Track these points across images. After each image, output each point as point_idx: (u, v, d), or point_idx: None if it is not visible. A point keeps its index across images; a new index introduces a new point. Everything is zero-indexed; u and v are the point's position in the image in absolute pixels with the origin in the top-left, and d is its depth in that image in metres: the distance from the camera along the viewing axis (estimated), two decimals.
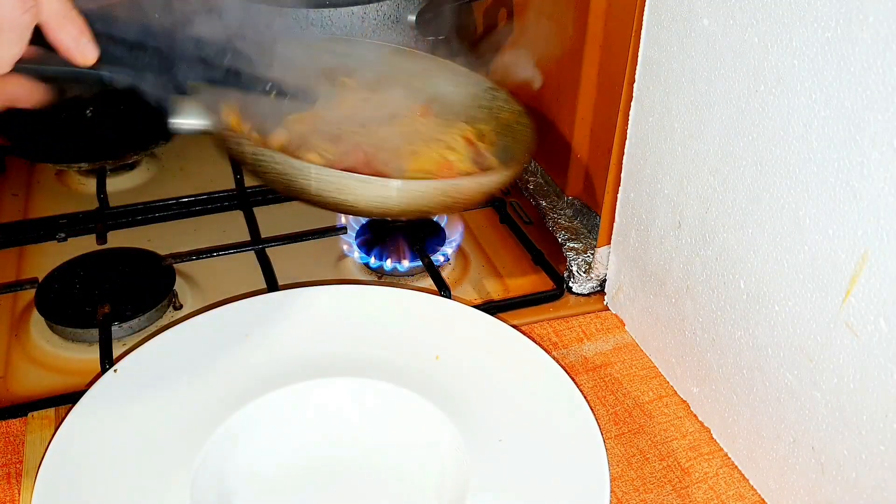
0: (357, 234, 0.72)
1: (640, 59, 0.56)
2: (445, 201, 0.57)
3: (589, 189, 0.74)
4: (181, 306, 0.67)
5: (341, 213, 0.58)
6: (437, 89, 0.71)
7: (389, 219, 0.59)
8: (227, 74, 0.53)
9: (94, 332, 0.61)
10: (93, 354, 0.60)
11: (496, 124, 0.69)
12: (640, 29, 0.55)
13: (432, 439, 0.51)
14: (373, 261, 0.69)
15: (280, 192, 0.57)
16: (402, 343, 0.56)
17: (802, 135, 0.42)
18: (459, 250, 0.74)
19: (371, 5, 0.77)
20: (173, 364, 0.54)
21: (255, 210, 0.75)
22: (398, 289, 0.61)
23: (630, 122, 0.58)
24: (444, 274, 0.68)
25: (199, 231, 0.76)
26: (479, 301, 0.67)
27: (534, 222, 0.77)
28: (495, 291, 0.69)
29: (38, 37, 0.41)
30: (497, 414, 0.51)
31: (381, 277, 0.70)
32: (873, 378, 0.40)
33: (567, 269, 0.69)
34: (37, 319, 0.64)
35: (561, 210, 0.75)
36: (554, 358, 0.54)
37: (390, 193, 0.54)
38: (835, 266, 0.41)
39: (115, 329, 0.62)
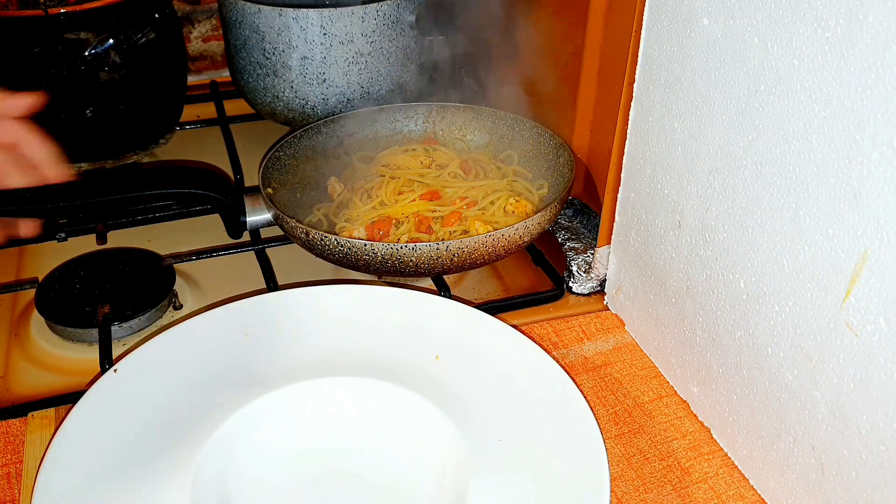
0: None
1: (640, 59, 0.56)
2: (496, 250, 0.63)
3: (589, 189, 0.74)
4: (181, 306, 0.67)
5: (405, 276, 0.66)
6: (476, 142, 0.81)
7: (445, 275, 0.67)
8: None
9: (94, 332, 0.61)
10: (93, 354, 0.60)
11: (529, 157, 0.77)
12: (640, 29, 0.55)
13: (432, 439, 0.51)
14: None
15: (346, 266, 0.64)
16: (402, 343, 0.56)
17: (802, 135, 0.42)
18: None
19: (371, 5, 0.77)
20: (173, 364, 0.54)
21: None
22: (398, 289, 0.61)
23: (630, 122, 0.58)
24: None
25: (199, 231, 0.76)
26: (479, 301, 0.67)
27: None
28: (495, 291, 0.69)
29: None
30: (497, 414, 0.51)
31: (381, 277, 0.70)
32: (873, 378, 0.40)
33: (567, 269, 0.69)
34: (37, 319, 0.64)
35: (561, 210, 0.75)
36: (554, 358, 0.54)
37: (441, 254, 0.61)
38: (835, 266, 0.41)
39: (115, 329, 0.62)
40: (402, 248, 0.60)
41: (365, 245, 0.60)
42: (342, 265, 0.64)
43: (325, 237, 0.61)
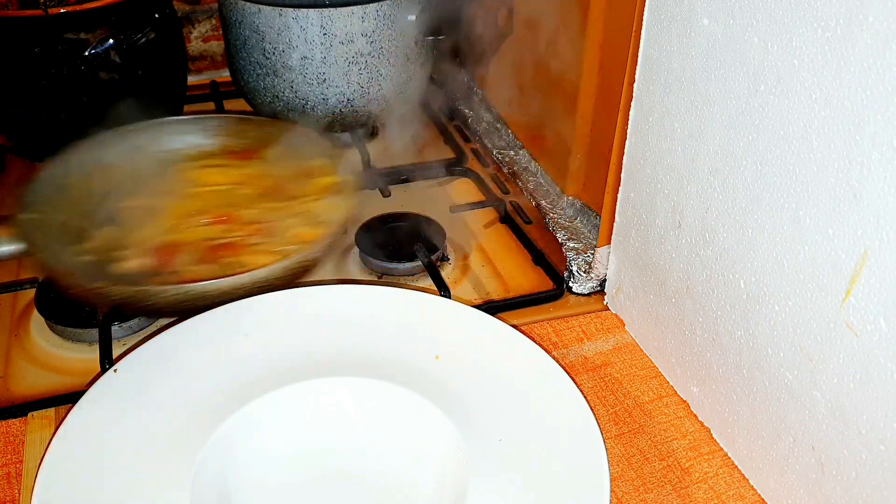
0: (358, 233, 0.72)
1: (640, 59, 0.56)
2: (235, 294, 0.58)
3: (589, 189, 0.74)
4: None
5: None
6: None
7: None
8: None
9: (94, 332, 0.61)
10: (93, 354, 0.60)
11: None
12: (640, 29, 0.55)
13: (432, 439, 0.51)
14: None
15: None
16: (402, 343, 0.56)
17: (802, 135, 0.42)
18: (459, 250, 0.74)
19: (371, 5, 0.77)
20: (173, 364, 0.54)
21: None
22: (398, 289, 0.61)
23: (630, 122, 0.58)
24: (444, 274, 0.68)
25: None
26: (479, 301, 0.67)
27: (534, 222, 0.77)
28: (495, 291, 0.69)
29: None
30: (497, 414, 0.51)
31: (381, 277, 0.70)
32: (873, 378, 0.40)
33: (567, 269, 0.69)
34: (37, 319, 0.64)
35: (561, 210, 0.75)
36: (554, 358, 0.54)
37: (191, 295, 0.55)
38: (835, 266, 0.41)
39: (115, 329, 0.62)
40: (137, 291, 0.54)
41: (96, 287, 0.55)
42: (99, 306, 0.59)
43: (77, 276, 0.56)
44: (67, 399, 0.56)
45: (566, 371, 0.53)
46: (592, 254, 0.68)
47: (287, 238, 0.63)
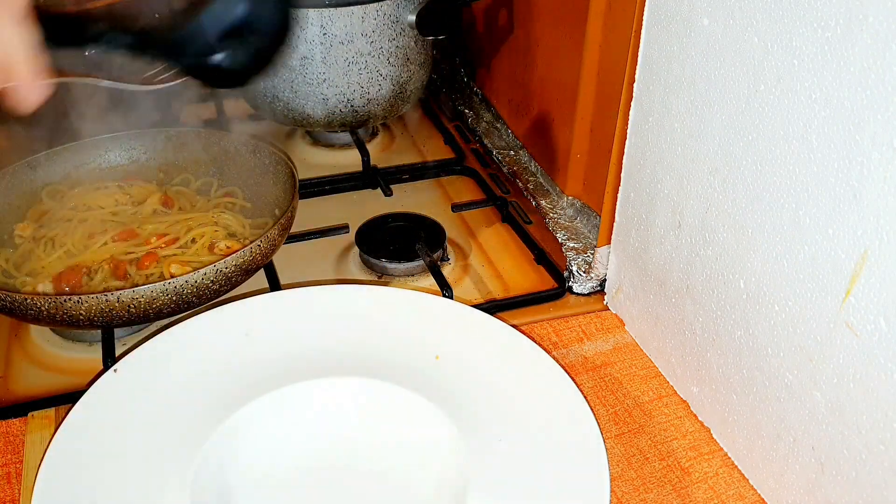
0: (358, 233, 0.72)
1: (640, 59, 0.56)
2: (182, 297, 0.57)
3: (589, 189, 0.74)
4: None
5: (83, 328, 0.59)
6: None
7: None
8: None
9: (95, 332, 0.61)
10: (93, 354, 0.60)
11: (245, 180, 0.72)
12: (640, 29, 0.55)
13: (432, 439, 0.51)
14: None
15: (23, 320, 0.57)
16: (402, 343, 0.56)
17: (802, 135, 0.42)
18: (459, 250, 0.74)
19: (371, 5, 0.77)
20: (173, 364, 0.54)
21: None
22: (398, 289, 0.61)
23: (630, 122, 0.58)
24: (445, 273, 0.68)
25: None
26: (479, 301, 0.67)
27: (534, 222, 0.77)
28: (496, 291, 0.69)
29: None
30: (497, 414, 0.51)
31: (381, 277, 0.70)
32: (873, 378, 0.40)
33: (567, 269, 0.69)
34: None
35: (561, 210, 0.75)
36: (554, 358, 0.54)
37: (113, 305, 0.54)
38: (835, 266, 0.41)
39: (115, 329, 0.62)
40: (66, 299, 0.53)
41: (26, 299, 0.54)
42: (18, 319, 0.57)
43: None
44: (67, 399, 0.56)
45: (566, 371, 0.53)
46: (592, 254, 0.68)
47: (199, 247, 0.63)
